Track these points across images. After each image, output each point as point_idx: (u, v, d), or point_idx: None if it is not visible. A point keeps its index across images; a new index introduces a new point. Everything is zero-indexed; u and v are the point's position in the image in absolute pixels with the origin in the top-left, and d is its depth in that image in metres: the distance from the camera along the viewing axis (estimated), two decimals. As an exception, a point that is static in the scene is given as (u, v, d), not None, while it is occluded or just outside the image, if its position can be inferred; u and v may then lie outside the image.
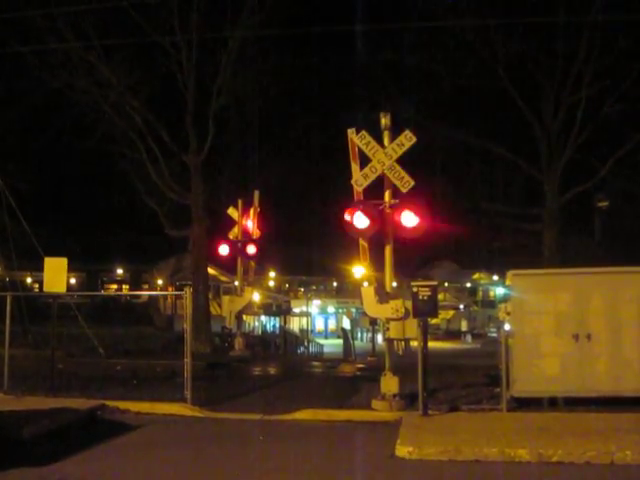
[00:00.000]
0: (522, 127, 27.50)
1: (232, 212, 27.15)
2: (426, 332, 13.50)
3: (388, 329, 14.25)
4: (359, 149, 14.64)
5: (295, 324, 61.98)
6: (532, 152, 27.64)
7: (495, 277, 77.19)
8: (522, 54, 25.81)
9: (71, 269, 18.17)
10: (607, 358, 13.74)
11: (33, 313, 23.34)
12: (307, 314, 57.49)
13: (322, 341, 55.39)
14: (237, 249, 26.61)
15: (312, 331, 63.62)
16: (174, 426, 13.06)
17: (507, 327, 14.25)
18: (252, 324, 50.15)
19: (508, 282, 14.52)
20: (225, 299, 27.77)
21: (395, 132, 14.52)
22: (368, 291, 14.47)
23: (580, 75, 25.91)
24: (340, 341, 45.00)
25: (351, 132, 15.03)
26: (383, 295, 14.22)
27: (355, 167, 14.82)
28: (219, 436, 12.26)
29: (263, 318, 58.27)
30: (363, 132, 14.45)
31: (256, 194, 26.65)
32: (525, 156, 27.61)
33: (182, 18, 27.10)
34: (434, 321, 43.13)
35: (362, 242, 14.58)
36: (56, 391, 14.99)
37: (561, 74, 26.24)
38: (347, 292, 77.20)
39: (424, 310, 13.41)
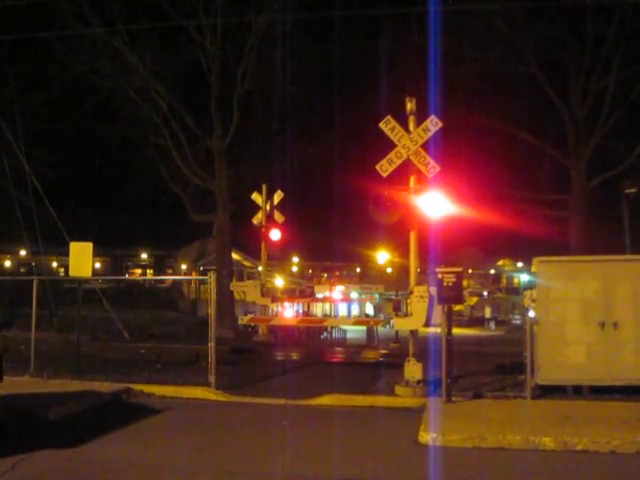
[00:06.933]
0: (549, 112, 27.16)
1: (256, 197, 27.19)
2: (451, 319, 13.42)
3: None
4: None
5: (318, 309, 61.91)
6: (559, 138, 27.32)
7: (520, 264, 76.67)
8: (550, 38, 25.44)
9: (96, 254, 18.30)
10: (634, 346, 13.53)
11: (59, 297, 23.58)
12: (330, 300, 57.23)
13: (345, 327, 55.20)
14: (261, 234, 26.68)
15: (335, 317, 63.46)
16: (198, 410, 13.13)
17: (532, 314, 14.12)
18: (275, 309, 50.17)
19: (534, 269, 14.37)
20: (249, 283, 27.84)
21: (420, 117, 14.41)
22: (400, 321, 15.11)
23: (609, 60, 25.50)
24: (363, 327, 44.90)
25: None
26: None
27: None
28: (243, 420, 12.31)
29: (286, 303, 58.27)
30: (388, 117, 14.32)
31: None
32: (552, 142, 27.29)
33: (206, 2, 27.07)
34: (457, 308, 42.81)
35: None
36: (81, 374, 15.16)
37: (589, 59, 25.86)
38: (371, 278, 76.95)
39: (449, 296, 13.32)
